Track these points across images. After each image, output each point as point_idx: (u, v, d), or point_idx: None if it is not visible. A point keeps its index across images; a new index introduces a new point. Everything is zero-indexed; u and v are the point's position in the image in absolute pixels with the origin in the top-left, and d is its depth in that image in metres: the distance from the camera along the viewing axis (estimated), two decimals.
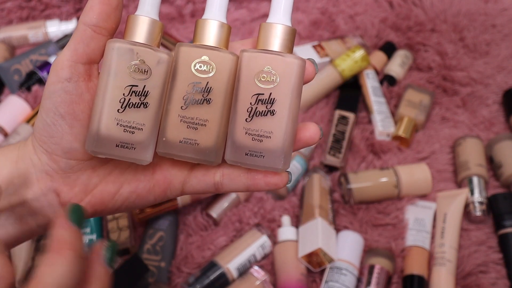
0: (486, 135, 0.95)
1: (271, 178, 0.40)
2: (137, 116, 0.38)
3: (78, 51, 0.37)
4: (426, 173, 0.86)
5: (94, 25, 0.37)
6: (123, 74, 0.37)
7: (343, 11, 1.11)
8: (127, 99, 0.37)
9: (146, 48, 0.38)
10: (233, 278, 0.77)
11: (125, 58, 0.37)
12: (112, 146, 0.37)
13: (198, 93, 0.38)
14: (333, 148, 0.90)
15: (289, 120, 0.38)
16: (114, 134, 0.37)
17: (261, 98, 0.38)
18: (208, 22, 0.39)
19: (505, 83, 1.01)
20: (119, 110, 0.37)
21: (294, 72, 0.38)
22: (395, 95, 1.00)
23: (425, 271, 0.78)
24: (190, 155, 0.39)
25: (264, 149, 0.38)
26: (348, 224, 0.84)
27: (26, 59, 1.00)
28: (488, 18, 1.10)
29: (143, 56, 0.37)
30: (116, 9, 0.38)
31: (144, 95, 0.38)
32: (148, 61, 0.38)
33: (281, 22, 0.39)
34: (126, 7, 1.11)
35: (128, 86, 0.37)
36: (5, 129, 0.92)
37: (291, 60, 0.38)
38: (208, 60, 0.38)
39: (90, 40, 0.37)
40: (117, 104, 0.37)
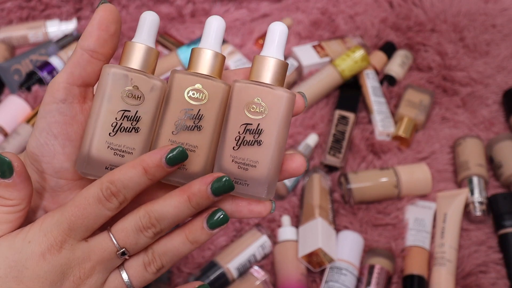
0: (486, 135, 0.95)
1: (255, 207, 0.41)
2: (128, 140, 0.39)
3: (74, 74, 0.38)
4: (426, 173, 0.86)
5: (91, 50, 0.38)
6: (117, 98, 0.38)
7: (343, 11, 1.12)
8: (119, 123, 0.38)
9: (141, 75, 0.39)
10: (233, 278, 0.77)
11: (119, 83, 0.38)
12: (101, 168, 0.38)
13: (190, 120, 0.39)
14: (333, 148, 0.90)
15: (275, 151, 0.39)
16: (105, 156, 0.38)
17: (249, 128, 0.39)
18: (203, 51, 0.40)
19: (505, 83, 1.01)
20: (111, 133, 0.38)
21: (283, 105, 0.39)
22: (395, 95, 1.00)
23: (425, 271, 0.78)
24: (177, 179, 0.40)
25: (249, 178, 0.39)
26: (348, 224, 0.84)
27: (26, 59, 1.00)
28: (488, 18, 1.10)
29: (137, 82, 0.39)
30: (114, 35, 0.39)
31: (136, 120, 0.39)
32: (141, 87, 0.39)
33: (274, 56, 0.40)
34: (126, 7, 1.11)
35: (121, 111, 0.38)
36: (5, 129, 0.92)
37: (280, 93, 0.39)
38: (201, 88, 0.40)
39: (87, 64, 0.38)
40: (109, 127, 0.38)
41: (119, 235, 0.38)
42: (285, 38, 0.41)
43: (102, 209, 0.37)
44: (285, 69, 0.41)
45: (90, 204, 0.37)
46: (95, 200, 0.37)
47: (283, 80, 0.41)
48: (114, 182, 0.37)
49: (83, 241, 0.38)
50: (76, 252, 0.37)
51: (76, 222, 0.37)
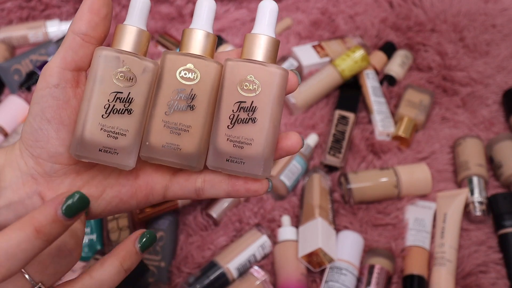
0: (486, 135, 0.95)
1: (252, 185, 0.41)
2: (121, 122, 0.38)
3: (67, 59, 0.38)
4: (426, 173, 0.86)
5: (83, 34, 0.38)
6: (109, 80, 0.38)
7: (343, 11, 1.12)
8: (111, 105, 0.38)
9: (132, 57, 0.39)
10: (233, 278, 0.77)
11: (111, 65, 0.38)
12: (95, 151, 0.38)
13: (182, 100, 0.39)
14: (333, 148, 0.90)
15: (270, 128, 0.39)
16: (98, 138, 0.38)
17: (243, 106, 0.39)
18: (194, 32, 0.40)
19: (505, 83, 1.01)
20: (103, 115, 0.38)
21: (276, 81, 0.39)
22: (395, 95, 1.00)
23: (425, 271, 0.78)
24: (172, 160, 0.40)
25: (244, 156, 0.39)
26: (348, 224, 0.84)
27: (26, 59, 1.00)
28: (488, 18, 1.10)
29: (129, 64, 0.38)
30: (105, 18, 0.38)
31: (128, 101, 0.39)
32: (133, 69, 0.39)
33: (265, 33, 0.40)
34: (126, 7, 1.11)
35: (113, 93, 0.38)
36: (5, 129, 0.92)
37: (273, 69, 0.39)
38: (193, 68, 0.39)
39: (79, 48, 0.38)
40: (102, 109, 0.38)
41: (35, 269, 0.35)
42: (275, 15, 0.41)
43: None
44: (277, 46, 0.41)
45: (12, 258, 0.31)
46: None
47: (275, 57, 0.41)
48: None
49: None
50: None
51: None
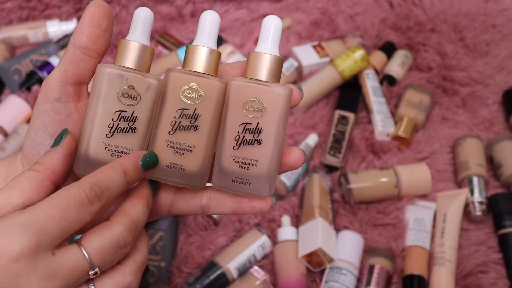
0: (486, 135, 0.95)
1: (257, 203, 0.41)
2: (125, 140, 0.39)
3: (68, 72, 0.38)
4: (426, 173, 0.86)
5: (84, 47, 0.38)
6: (113, 99, 0.38)
7: (343, 11, 1.12)
8: (115, 124, 0.38)
9: (136, 74, 0.38)
10: (233, 278, 0.77)
11: (115, 84, 0.38)
12: None
13: (186, 119, 0.39)
14: (333, 148, 0.90)
15: (275, 149, 0.39)
16: (102, 158, 0.38)
17: (248, 127, 0.39)
18: (198, 49, 0.40)
19: (505, 83, 1.01)
20: (108, 134, 0.38)
21: (281, 102, 0.39)
22: (395, 95, 1.00)
23: (425, 271, 0.78)
24: (175, 180, 0.40)
25: (250, 176, 0.39)
26: (348, 224, 0.84)
27: (26, 59, 1.00)
28: (488, 18, 1.10)
29: (132, 82, 0.38)
30: (106, 31, 0.38)
31: (132, 120, 0.39)
32: (137, 87, 0.38)
33: (269, 52, 0.40)
34: (126, 7, 1.11)
35: (117, 112, 0.38)
36: (5, 129, 0.92)
37: (278, 90, 0.39)
38: (197, 87, 0.39)
39: (80, 61, 0.38)
40: (106, 129, 0.38)
41: (97, 255, 0.35)
42: (279, 32, 0.40)
43: (83, 212, 0.35)
44: (281, 65, 0.40)
45: (71, 207, 0.34)
46: (78, 202, 0.34)
47: (279, 75, 0.40)
48: (97, 184, 0.35)
49: (48, 253, 0.33)
50: (39, 265, 0.33)
51: (51, 226, 0.33)
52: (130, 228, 0.37)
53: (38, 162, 0.37)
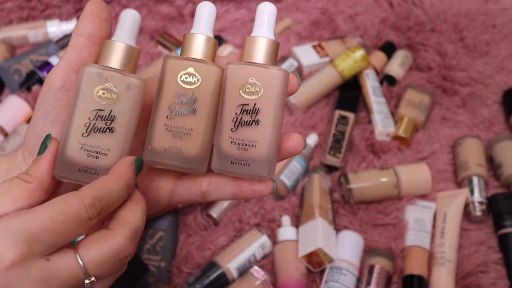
0: (486, 135, 0.95)
1: (257, 186, 0.41)
2: (102, 141, 0.38)
3: (72, 60, 0.39)
4: (426, 173, 0.86)
5: (87, 34, 0.39)
6: (90, 98, 0.38)
7: (343, 11, 1.12)
8: (92, 123, 0.38)
9: (116, 73, 0.38)
10: (233, 278, 0.77)
11: (93, 82, 0.38)
12: (74, 171, 0.37)
13: (184, 104, 0.39)
14: (333, 148, 0.90)
15: (273, 130, 0.39)
16: (78, 158, 0.37)
17: (245, 108, 0.39)
18: (195, 36, 0.41)
19: (505, 83, 1.01)
20: (84, 134, 0.37)
21: (278, 83, 0.39)
22: (395, 95, 1.00)
23: (425, 271, 0.78)
24: (174, 163, 0.40)
25: (249, 158, 0.39)
26: (348, 224, 0.84)
27: (26, 59, 1.00)
28: (488, 18, 1.10)
29: (111, 80, 0.38)
30: (106, 21, 0.39)
31: (110, 119, 0.38)
32: (116, 86, 0.38)
33: (265, 36, 0.41)
34: (126, 7, 1.11)
35: (94, 110, 0.38)
36: (5, 129, 0.92)
37: (274, 71, 0.39)
38: (194, 72, 0.40)
39: (83, 48, 0.39)
40: (82, 128, 0.37)
41: (94, 266, 0.34)
42: (274, 17, 0.41)
43: (80, 227, 0.34)
44: (277, 48, 0.41)
45: (68, 221, 0.34)
46: (76, 218, 0.34)
47: (275, 59, 0.41)
48: (99, 198, 0.35)
49: (43, 259, 0.33)
50: (32, 271, 0.32)
51: (44, 237, 0.33)
52: (131, 238, 0.36)
53: (27, 173, 0.36)
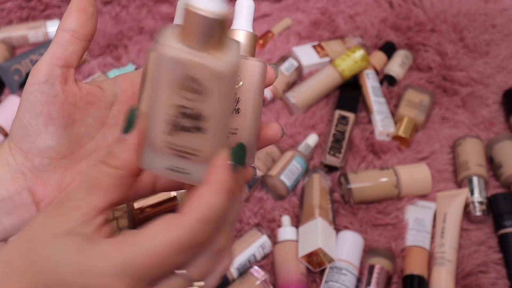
0: (486, 135, 0.95)
1: None
2: (190, 140, 0.33)
3: (56, 55, 0.39)
4: (426, 173, 0.86)
5: (72, 30, 0.39)
6: (174, 90, 0.32)
7: (343, 11, 1.12)
8: (177, 119, 0.33)
9: (201, 60, 0.31)
10: (233, 278, 0.77)
11: (174, 73, 0.32)
12: (162, 167, 0.34)
13: None
14: (333, 148, 0.90)
15: (253, 118, 0.40)
16: (163, 155, 0.34)
17: None
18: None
19: (505, 83, 1.01)
20: (169, 130, 0.33)
21: (257, 74, 0.40)
22: (395, 95, 1.00)
23: (425, 271, 0.78)
24: None
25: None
26: (348, 224, 0.84)
27: (26, 59, 1.00)
28: (488, 18, 1.10)
29: (196, 70, 0.32)
30: (92, 17, 0.39)
31: (196, 118, 0.33)
32: (202, 77, 0.32)
33: (244, 28, 0.42)
34: (126, 7, 1.11)
35: (179, 105, 0.32)
36: (5, 129, 0.92)
37: (253, 63, 0.40)
38: None
39: (68, 44, 0.39)
40: (167, 123, 0.33)
41: (199, 279, 0.33)
42: (252, 11, 0.42)
43: (188, 256, 0.32)
44: (255, 41, 0.42)
45: (175, 254, 0.31)
46: (182, 249, 0.31)
47: (254, 51, 0.42)
48: (204, 221, 0.31)
49: None
50: None
51: (151, 271, 0.31)
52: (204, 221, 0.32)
53: (114, 155, 0.33)
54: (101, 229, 0.33)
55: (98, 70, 1.02)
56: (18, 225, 0.40)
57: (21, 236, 0.34)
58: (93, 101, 0.40)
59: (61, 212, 0.33)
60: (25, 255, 0.33)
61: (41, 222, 0.34)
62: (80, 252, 0.31)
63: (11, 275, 0.32)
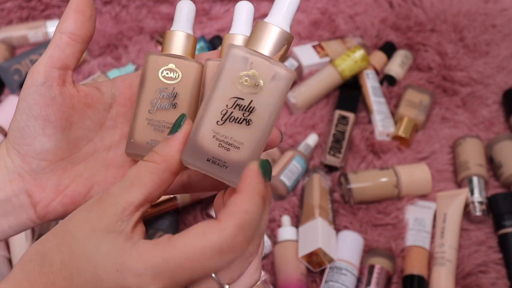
0: (486, 135, 0.95)
1: None
2: (236, 132, 0.35)
3: (54, 57, 0.38)
4: (426, 173, 0.86)
5: (70, 32, 0.39)
6: (231, 84, 0.35)
7: (343, 11, 1.12)
8: (229, 111, 0.35)
9: (263, 60, 0.35)
10: None
11: (236, 67, 0.35)
12: (203, 159, 0.35)
13: (165, 98, 0.40)
14: (333, 148, 0.90)
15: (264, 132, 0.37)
16: (208, 146, 0.35)
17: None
18: (175, 33, 0.42)
19: (505, 83, 1.01)
20: (219, 122, 0.35)
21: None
22: (395, 95, 1.00)
23: (425, 271, 0.78)
24: None
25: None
26: (348, 224, 0.84)
27: (26, 59, 1.00)
28: (488, 18, 1.10)
29: (257, 67, 0.35)
30: (90, 19, 0.39)
31: (249, 110, 0.35)
32: (261, 74, 0.35)
33: (243, 33, 0.41)
34: (126, 7, 1.11)
35: (233, 98, 0.35)
36: (5, 129, 0.92)
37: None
38: (175, 68, 0.40)
39: (66, 46, 0.39)
40: (218, 115, 0.35)
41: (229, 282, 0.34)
42: (252, 15, 0.42)
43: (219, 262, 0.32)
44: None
45: (210, 258, 0.32)
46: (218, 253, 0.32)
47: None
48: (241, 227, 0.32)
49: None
50: None
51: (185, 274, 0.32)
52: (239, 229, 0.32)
53: (156, 152, 0.35)
54: (137, 226, 0.34)
55: (98, 70, 1.02)
56: (16, 227, 0.41)
57: (59, 230, 0.34)
58: (91, 103, 0.40)
59: (101, 208, 0.34)
60: (63, 248, 0.33)
61: (80, 217, 0.34)
62: (119, 249, 0.32)
63: (47, 267, 0.33)
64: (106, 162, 0.41)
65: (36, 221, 0.40)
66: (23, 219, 0.40)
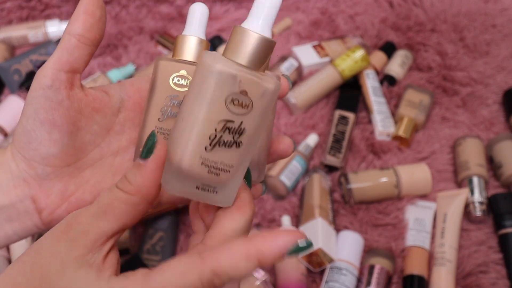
0: (486, 135, 0.95)
1: None
2: (226, 156, 0.33)
3: (62, 60, 0.37)
4: (426, 173, 0.86)
5: (79, 34, 0.37)
6: (220, 105, 0.32)
7: (343, 11, 1.12)
8: (218, 135, 0.32)
9: (251, 76, 0.32)
10: None
11: (225, 87, 0.31)
12: (191, 188, 0.34)
13: (176, 106, 0.38)
14: (333, 148, 0.90)
15: (265, 134, 0.38)
16: (197, 174, 0.33)
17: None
18: (187, 38, 0.40)
19: (505, 83, 1.01)
20: (207, 148, 0.32)
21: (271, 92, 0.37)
22: (395, 95, 1.00)
23: (425, 271, 0.78)
24: None
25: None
26: (348, 224, 0.84)
27: (26, 59, 1.00)
28: (488, 18, 1.10)
29: (246, 85, 0.32)
30: (100, 21, 0.38)
31: (239, 133, 0.33)
32: (251, 92, 0.32)
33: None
34: (126, 7, 1.11)
35: (223, 121, 0.32)
36: (5, 129, 0.92)
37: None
38: (186, 75, 0.38)
39: (74, 49, 0.37)
40: (206, 140, 0.32)
41: None
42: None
43: None
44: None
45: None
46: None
47: None
48: (220, 275, 0.31)
49: None
50: None
51: None
52: None
53: (129, 182, 0.32)
54: (109, 255, 0.33)
55: (98, 70, 1.02)
56: (20, 232, 0.40)
57: (26, 259, 0.33)
58: (99, 107, 0.39)
59: (69, 237, 0.32)
60: (32, 282, 0.32)
61: (48, 247, 0.32)
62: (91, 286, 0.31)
63: None
64: (113, 168, 0.40)
65: (41, 227, 0.39)
66: (28, 225, 0.39)
